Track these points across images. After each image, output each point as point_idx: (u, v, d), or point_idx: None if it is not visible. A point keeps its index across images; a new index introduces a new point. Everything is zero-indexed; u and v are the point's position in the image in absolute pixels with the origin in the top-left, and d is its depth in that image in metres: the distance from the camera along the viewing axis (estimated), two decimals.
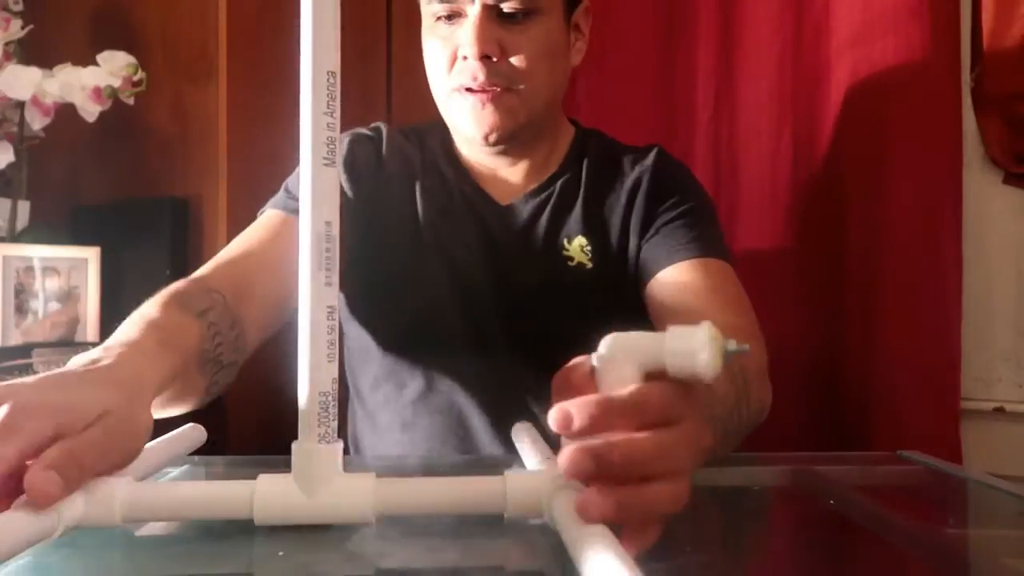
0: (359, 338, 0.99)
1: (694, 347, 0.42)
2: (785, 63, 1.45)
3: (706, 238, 0.91)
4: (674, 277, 0.88)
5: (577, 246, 0.93)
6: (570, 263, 0.93)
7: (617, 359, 0.44)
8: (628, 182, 0.96)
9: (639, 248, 0.93)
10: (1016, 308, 1.40)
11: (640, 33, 1.52)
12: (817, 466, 0.73)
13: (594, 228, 0.94)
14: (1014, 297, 1.40)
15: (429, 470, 0.84)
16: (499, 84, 0.88)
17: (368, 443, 1.00)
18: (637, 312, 0.92)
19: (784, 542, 0.57)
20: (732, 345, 0.43)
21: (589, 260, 0.93)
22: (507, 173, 0.98)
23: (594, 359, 0.45)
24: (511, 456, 0.89)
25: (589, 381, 0.45)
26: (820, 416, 1.40)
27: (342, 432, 1.06)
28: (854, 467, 0.79)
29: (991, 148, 1.39)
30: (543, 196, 0.97)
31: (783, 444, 1.38)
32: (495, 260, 0.94)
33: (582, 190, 0.97)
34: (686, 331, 0.43)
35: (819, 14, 1.42)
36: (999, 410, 1.39)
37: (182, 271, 1.38)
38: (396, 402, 0.96)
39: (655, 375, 0.43)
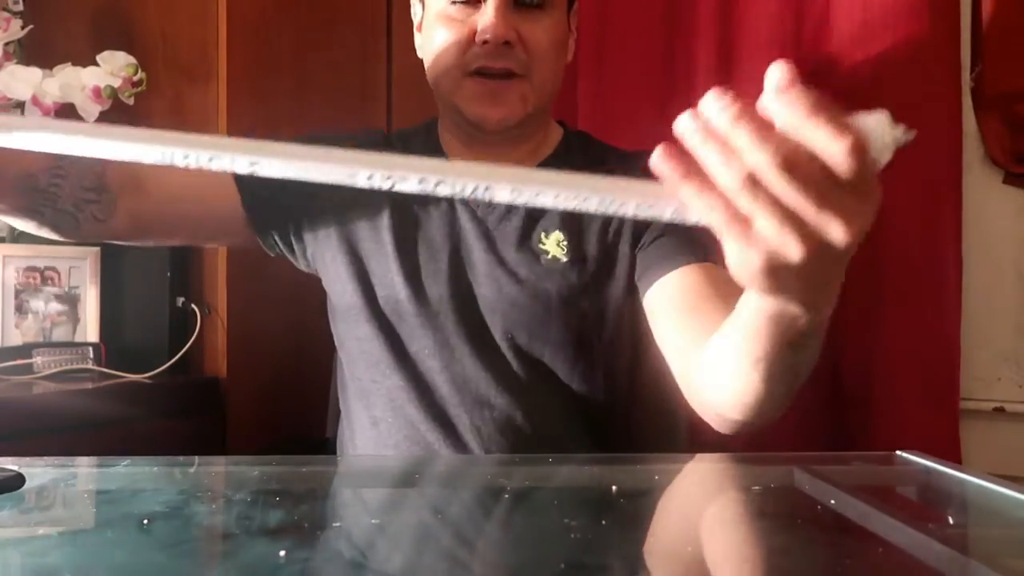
0: (336, 321, 1.00)
1: (881, 139, 0.40)
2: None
3: (702, 242, 0.90)
4: (680, 280, 0.88)
5: (554, 240, 0.95)
6: (545, 256, 0.94)
7: None
8: None
9: (631, 254, 0.94)
10: (1016, 308, 1.40)
11: (640, 33, 1.52)
12: (817, 466, 0.73)
13: (572, 224, 0.95)
14: (1014, 297, 1.40)
15: (416, 470, 0.83)
16: (515, 70, 0.90)
17: (349, 437, 1.01)
18: (608, 309, 0.94)
19: (784, 542, 0.57)
20: (901, 134, 0.41)
21: (564, 254, 0.94)
22: None
23: None
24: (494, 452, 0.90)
25: None
26: (820, 416, 1.40)
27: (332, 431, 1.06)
28: (854, 467, 0.79)
29: (991, 148, 1.39)
30: None
31: (783, 444, 1.38)
32: (467, 250, 0.95)
33: None
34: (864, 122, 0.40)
35: (819, 14, 1.42)
36: (999, 410, 1.39)
37: (182, 271, 1.39)
38: (372, 393, 0.97)
39: None
